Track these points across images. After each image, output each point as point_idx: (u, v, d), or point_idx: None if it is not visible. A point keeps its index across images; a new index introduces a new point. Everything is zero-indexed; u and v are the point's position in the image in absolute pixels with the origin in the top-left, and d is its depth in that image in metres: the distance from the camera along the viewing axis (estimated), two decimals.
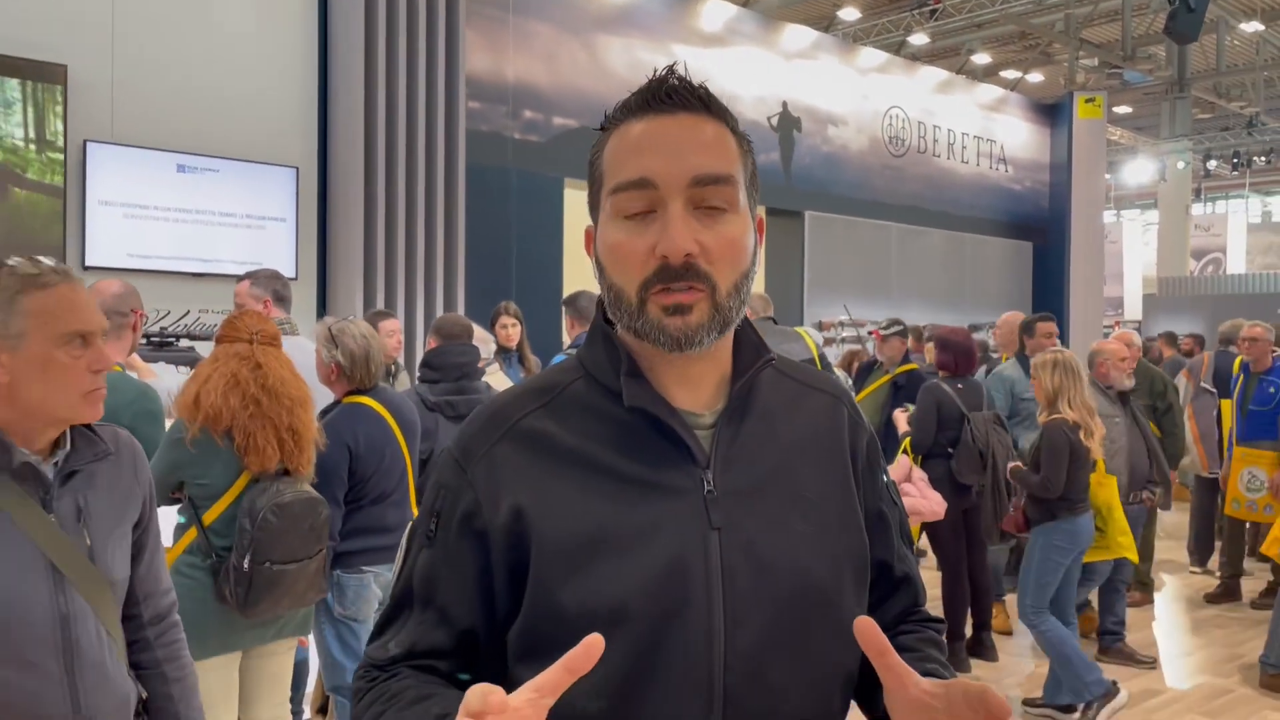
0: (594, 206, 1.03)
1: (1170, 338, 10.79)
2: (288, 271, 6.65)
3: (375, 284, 6.81)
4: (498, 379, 4.39)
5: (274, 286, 3.77)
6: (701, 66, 9.88)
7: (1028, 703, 4.43)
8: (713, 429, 1.01)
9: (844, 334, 10.76)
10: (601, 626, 0.84)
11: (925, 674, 0.96)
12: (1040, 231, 13.92)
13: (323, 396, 3.35)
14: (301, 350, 3.40)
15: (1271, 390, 5.79)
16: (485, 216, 7.82)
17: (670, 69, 1.00)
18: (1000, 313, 12.98)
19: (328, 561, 2.77)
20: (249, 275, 3.84)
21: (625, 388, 0.99)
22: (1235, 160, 20.26)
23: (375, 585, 3.21)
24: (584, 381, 1.03)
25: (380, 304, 6.68)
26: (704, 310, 0.95)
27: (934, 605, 5.32)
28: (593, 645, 0.80)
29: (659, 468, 0.98)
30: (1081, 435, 4.14)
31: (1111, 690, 4.24)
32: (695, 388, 1.02)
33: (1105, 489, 4.40)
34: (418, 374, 3.83)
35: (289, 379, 2.84)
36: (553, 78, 8.63)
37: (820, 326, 10.73)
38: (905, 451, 4.96)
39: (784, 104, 10.77)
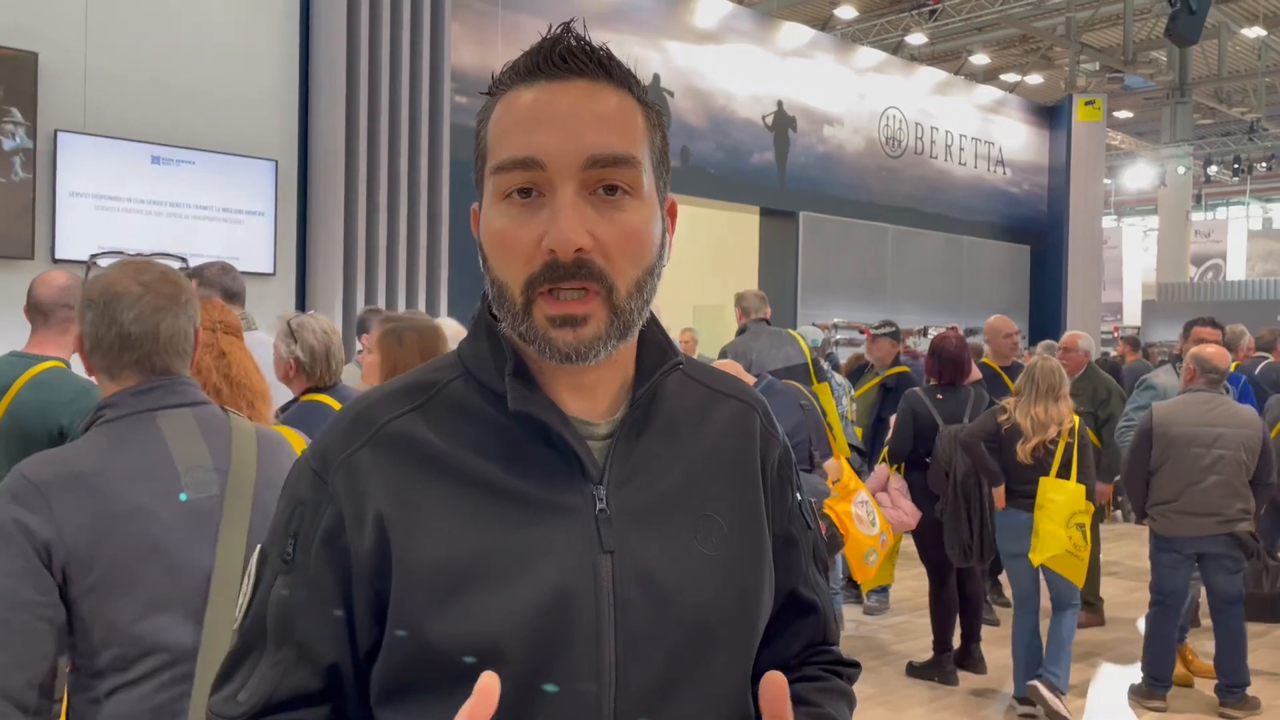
0: (478, 183, 0.89)
1: (1132, 342, 10.64)
2: (265, 267, 6.51)
3: (356, 280, 6.66)
4: None
5: (223, 283, 3.60)
6: (695, 65, 9.76)
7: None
8: (608, 441, 0.89)
9: (837, 336, 10.62)
10: (474, 667, 0.76)
11: None
12: (1038, 235, 13.79)
13: (281, 395, 3.21)
14: (260, 346, 3.26)
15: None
16: (468, 213, 7.66)
17: (566, 26, 0.86)
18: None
19: None
20: (194, 273, 3.67)
21: (510, 390, 0.86)
22: (1236, 166, 20.15)
23: None
24: (464, 381, 0.90)
25: (361, 301, 6.55)
26: (600, 319, 0.83)
27: (920, 614, 5.21)
28: (488, 690, 0.70)
29: (545, 483, 0.86)
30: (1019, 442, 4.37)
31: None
32: (591, 394, 0.90)
33: (1045, 493, 4.32)
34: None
35: (252, 371, 2.72)
36: None
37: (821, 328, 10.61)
38: (883, 461, 4.85)
39: (779, 103, 10.63)
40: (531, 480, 0.85)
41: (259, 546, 0.89)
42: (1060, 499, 4.30)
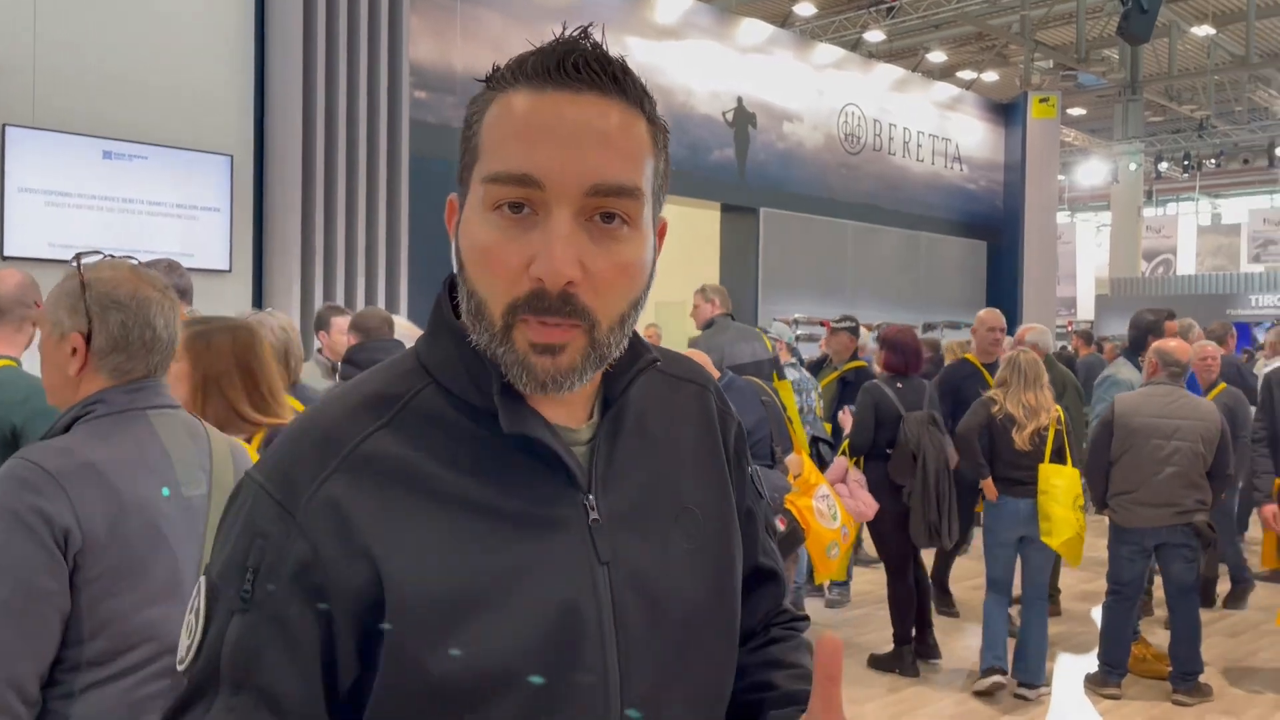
0: (462, 180, 0.83)
1: (1085, 336, 10.81)
2: (221, 264, 6.42)
3: (313, 278, 6.58)
4: None
5: (170, 280, 3.53)
6: (656, 60, 9.76)
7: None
8: (588, 446, 0.87)
9: (798, 331, 10.69)
10: (484, 695, 0.75)
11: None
12: (995, 231, 13.96)
13: None
14: None
15: None
16: (430, 209, 7.57)
17: (584, 31, 0.80)
18: (955, 312, 13.11)
19: None
20: None
21: (503, 411, 0.80)
22: (1186, 163, 20.54)
23: None
24: (433, 392, 0.83)
25: (319, 299, 6.47)
26: (577, 349, 0.79)
27: (880, 606, 5.26)
28: None
29: (536, 497, 0.82)
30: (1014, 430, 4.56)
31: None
32: (569, 402, 0.86)
33: (1049, 479, 4.52)
34: (339, 371, 3.65)
35: None
36: None
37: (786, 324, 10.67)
38: (843, 453, 4.89)
39: (739, 99, 10.66)
40: (519, 495, 0.81)
41: (205, 581, 0.80)
42: (1062, 483, 4.50)
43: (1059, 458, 4.58)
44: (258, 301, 6.58)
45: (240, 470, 1.67)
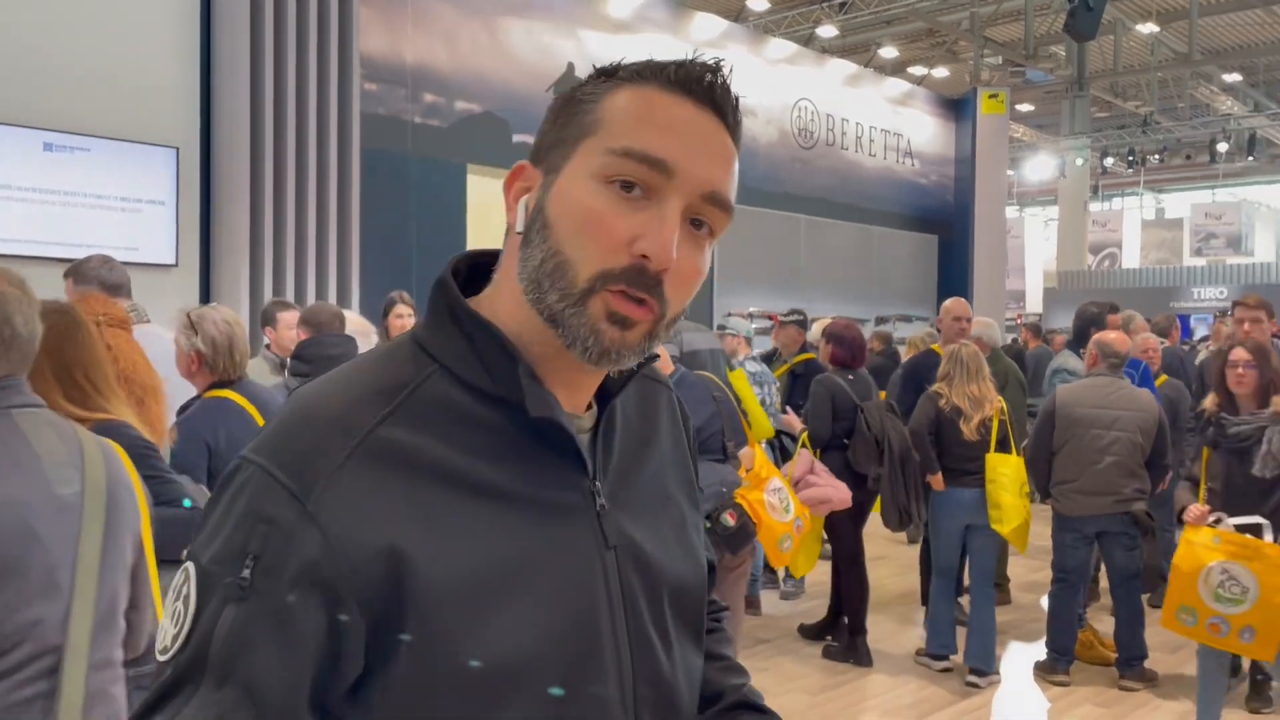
0: (559, 151, 0.84)
1: (1034, 329, 10.98)
2: (167, 258, 6.30)
3: (262, 273, 6.48)
4: None
5: (100, 275, 3.42)
6: (609, 53, 9.72)
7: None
8: (590, 434, 0.90)
9: (753, 325, 10.73)
10: (512, 682, 0.77)
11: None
12: (946, 225, 14.13)
13: (183, 393, 3.11)
14: (156, 339, 3.15)
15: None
16: (382, 203, 7.54)
17: (719, 62, 0.86)
18: (907, 305, 13.26)
19: None
20: (70, 273, 3.50)
21: (530, 395, 0.81)
22: (1130, 158, 20.93)
23: None
24: (441, 377, 0.83)
25: (268, 294, 6.37)
26: (643, 331, 0.82)
27: (825, 597, 5.32)
28: None
29: (547, 482, 0.84)
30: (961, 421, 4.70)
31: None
32: (580, 390, 0.89)
33: (996, 468, 4.67)
34: (288, 367, 3.60)
35: (141, 365, 2.63)
36: (454, 61, 8.38)
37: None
38: (804, 445, 4.92)
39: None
40: (532, 481, 0.83)
41: (193, 565, 0.76)
42: (1009, 471, 4.66)
43: (1004, 447, 4.70)
44: (205, 296, 6.47)
45: (113, 468, 1.65)
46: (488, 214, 8.43)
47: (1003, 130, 14.25)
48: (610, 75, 0.85)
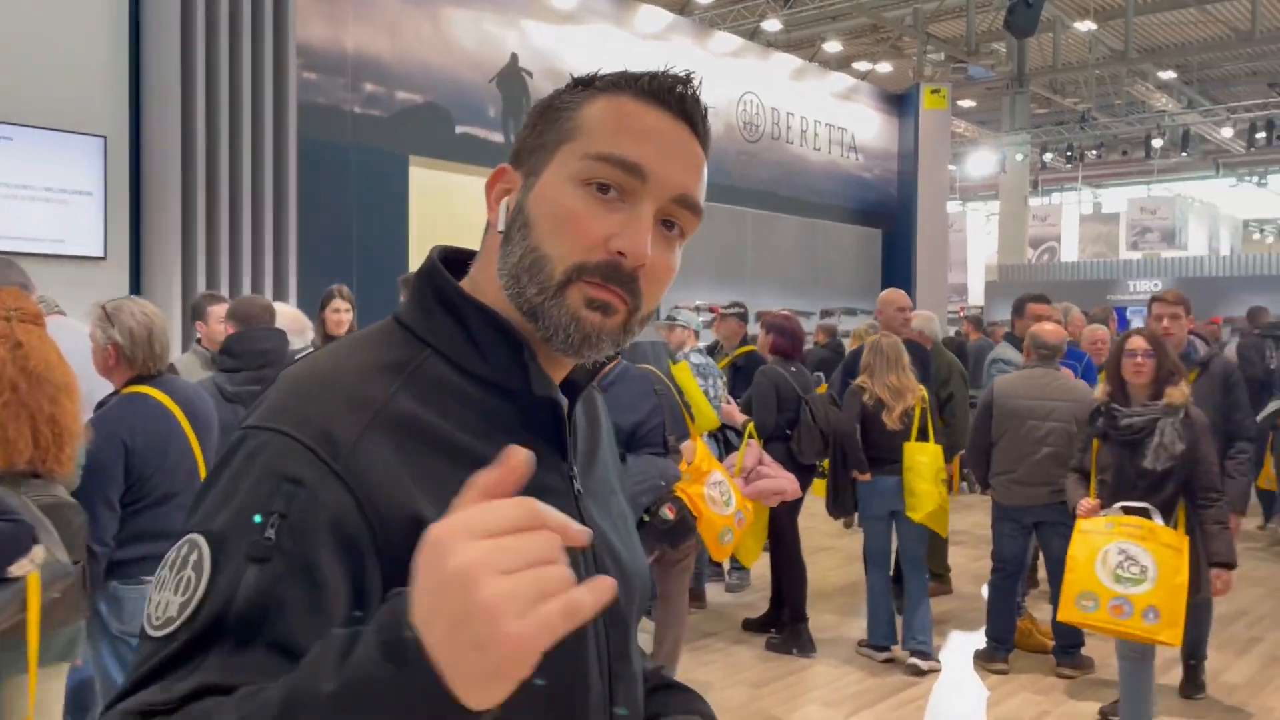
0: (539, 156, 0.89)
1: (975, 321, 11.13)
2: (95, 250, 6.11)
3: (195, 265, 6.31)
4: None
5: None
6: (553, 45, 9.66)
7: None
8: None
9: (703, 318, 10.73)
10: None
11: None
12: (889, 219, 14.26)
13: (105, 389, 3.00)
14: (70, 333, 3.03)
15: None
16: (322, 194, 7.39)
17: (689, 75, 0.92)
18: (851, 298, 13.36)
19: (92, 575, 2.45)
20: None
21: (534, 374, 0.87)
22: (1069, 154, 21.32)
23: None
24: (435, 360, 0.87)
25: (201, 287, 6.21)
26: (621, 320, 0.87)
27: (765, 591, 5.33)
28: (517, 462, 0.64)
29: (536, 464, 0.82)
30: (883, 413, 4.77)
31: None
32: (558, 375, 0.94)
33: (913, 456, 4.76)
34: (217, 362, 3.49)
35: (55, 363, 2.53)
36: (396, 50, 8.24)
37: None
38: (751, 436, 4.92)
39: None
40: None
41: (202, 536, 0.74)
42: (925, 459, 4.72)
43: (924, 436, 4.80)
44: (136, 290, 6.29)
45: None
46: (431, 206, 8.32)
47: (945, 125, 14.40)
48: (587, 85, 0.91)
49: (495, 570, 0.57)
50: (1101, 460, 3.83)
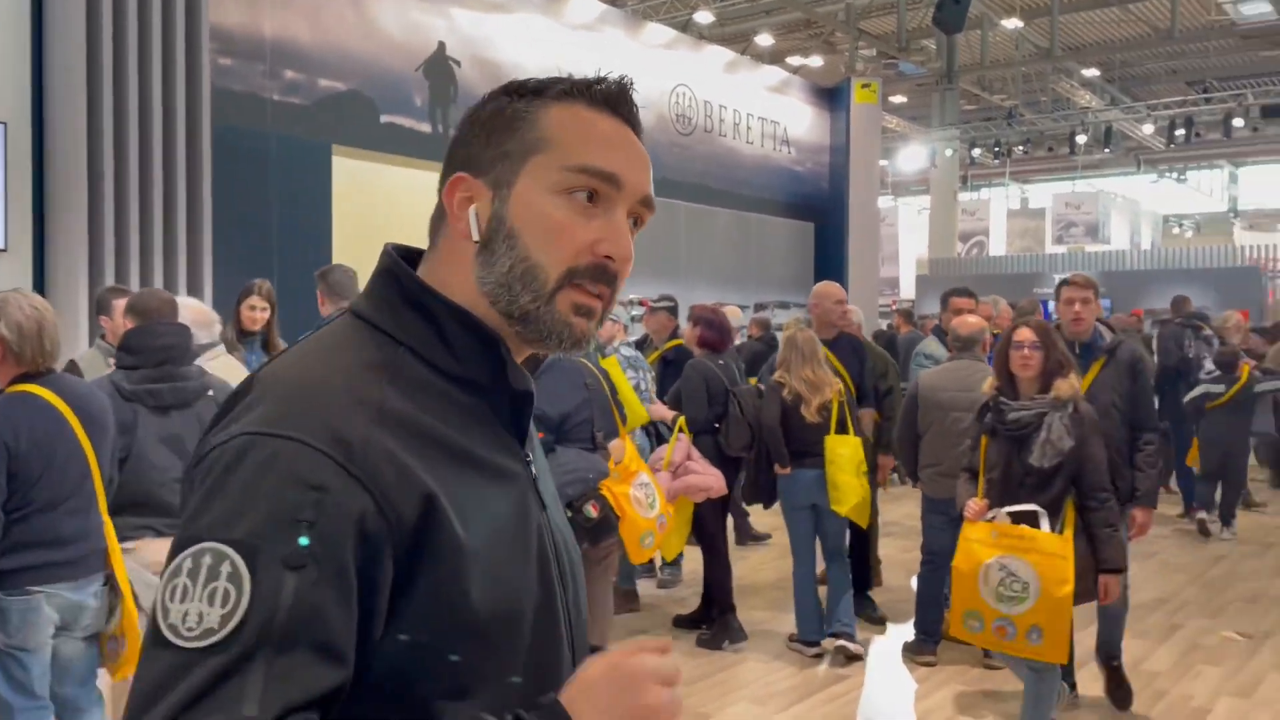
0: (503, 165, 0.94)
1: (906, 315, 11.26)
2: None
3: (103, 258, 6.04)
4: (226, 365, 3.88)
5: None
6: (482, 34, 9.48)
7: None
8: None
9: (634, 313, 10.66)
10: (508, 628, 0.88)
11: None
12: (821, 213, 14.31)
13: None
14: None
15: None
16: (239, 184, 7.14)
17: (626, 79, 0.99)
18: (785, 292, 13.38)
19: None
20: None
21: (511, 370, 0.95)
22: (997, 150, 21.66)
23: (48, 607, 2.71)
24: (410, 357, 0.91)
25: (109, 281, 5.94)
26: (597, 319, 0.96)
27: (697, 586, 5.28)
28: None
29: (502, 453, 0.95)
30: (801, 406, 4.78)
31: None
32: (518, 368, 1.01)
33: (834, 449, 4.75)
34: (117, 358, 3.31)
35: None
36: (317, 36, 8.00)
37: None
38: (681, 429, 4.87)
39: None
40: (494, 451, 0.93)
41: (229, 546, 0.76)
42: (847, 452, 4.72)
43: (843, 429, 4.81)
44: (40, 283, 6.01)
45: None
46: (355, 197, 8.10)
47: (875, 119, 14.51)
48: (536, 93, 0.96)
49: (671, 716, 0.85)
50: (989, 458, 3.63)
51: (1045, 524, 3.40)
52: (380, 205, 8.26)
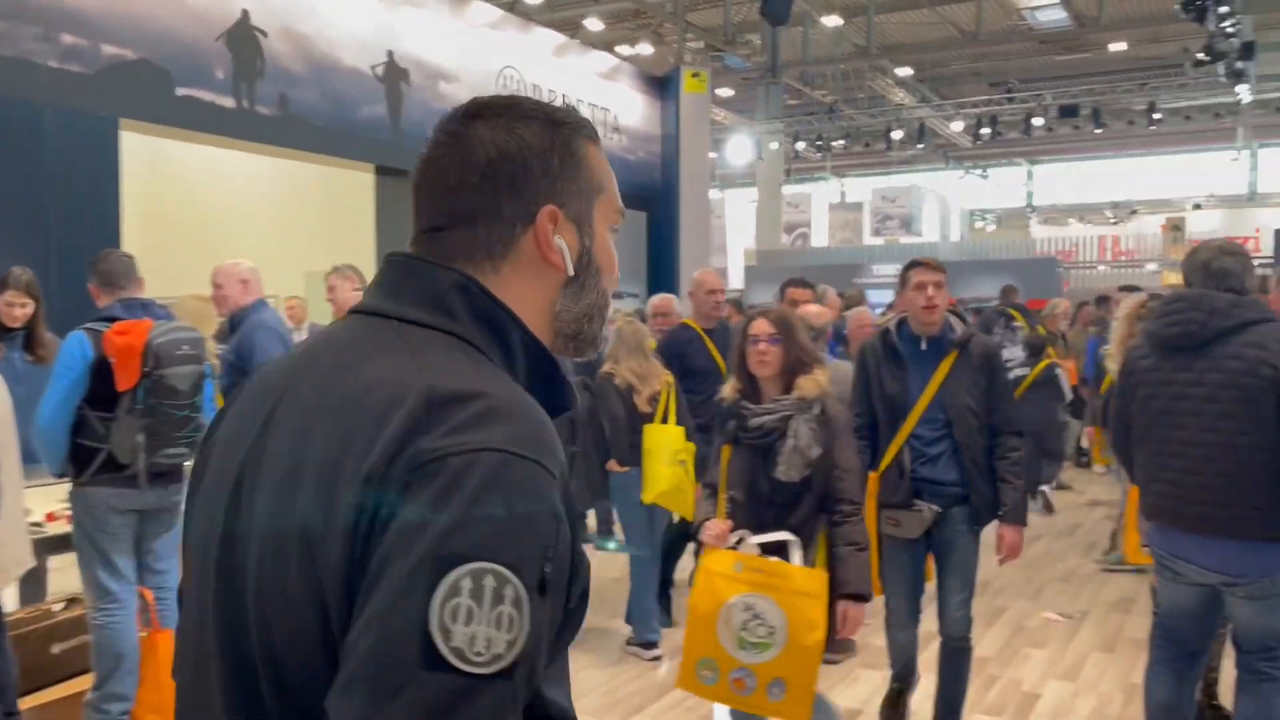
0: (578, 202, 1.01)
1: (736, 304, 11.35)
2: None
3: None
4: None
5: None
6: (291, 3, 8.83)
7: None
8: None
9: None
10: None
11: None
12: (654, 202, 14.25)
13: None
14: None
15: None
16: (8, 158, 6.34)
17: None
18: (621, 282, 13.23)
19: None
20: None
21: (569, 391, 1.00)
22: (818, 144, 22.26)
23: None
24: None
25: None
26: None
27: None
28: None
29: None
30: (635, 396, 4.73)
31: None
32: None
33: (651, 438, 4.66)
34: None
35: None
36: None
37: None
38: None
39: (390, 53, 9.96)
40: None
41: (505, 568, 0.77)
42: (665, 439, 4.68)
43: (666, 418, 4.78)
44: None
45: None
46: (148, 175, 7.38)
47: (705, 109, 14.56)
48: (575, 129, 1.02)
49: None
50: (732, 474, 3.06)
51: (797, 556, 2.89)
52: (177, 186, 7.55)
